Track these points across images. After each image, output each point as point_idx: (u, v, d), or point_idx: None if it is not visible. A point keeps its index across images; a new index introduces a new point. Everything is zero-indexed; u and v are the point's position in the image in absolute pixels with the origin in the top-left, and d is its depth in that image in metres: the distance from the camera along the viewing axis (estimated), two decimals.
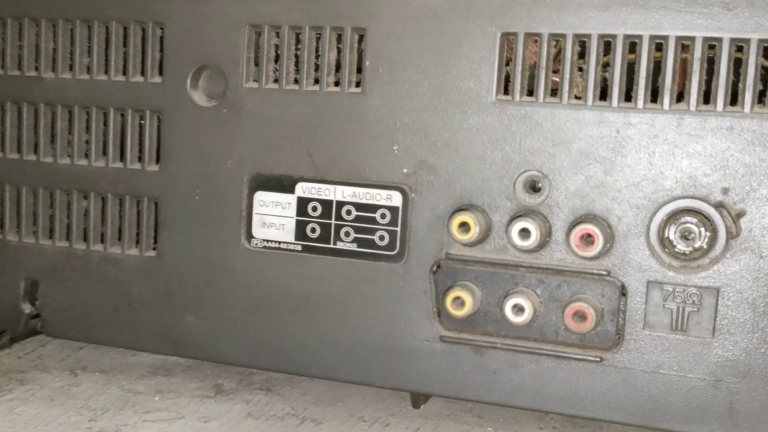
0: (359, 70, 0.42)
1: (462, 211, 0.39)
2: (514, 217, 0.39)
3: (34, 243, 0.48)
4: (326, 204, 0.42)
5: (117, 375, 0.48)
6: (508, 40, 0.39)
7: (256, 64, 0.43)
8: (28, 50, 0.47)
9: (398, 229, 0.41)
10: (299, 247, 0.43)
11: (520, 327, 0.39)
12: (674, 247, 0.37)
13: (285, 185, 0.43)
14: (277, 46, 0.43)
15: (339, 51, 0.42)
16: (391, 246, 0.41)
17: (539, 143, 0.39)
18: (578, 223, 0.38)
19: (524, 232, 0.38)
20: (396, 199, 0.41)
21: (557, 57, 0.39)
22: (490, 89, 0.39)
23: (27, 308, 0.49)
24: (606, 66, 0.38)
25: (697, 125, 0.37)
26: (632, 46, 0.38)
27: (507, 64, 0.40)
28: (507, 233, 0.39)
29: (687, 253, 0.37)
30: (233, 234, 0.44)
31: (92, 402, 0.44)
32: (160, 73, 0.45)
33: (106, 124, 0.46)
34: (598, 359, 0.39)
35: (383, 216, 0.41)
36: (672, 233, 0.37)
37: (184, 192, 0.44)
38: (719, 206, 0.37)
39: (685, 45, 0.37)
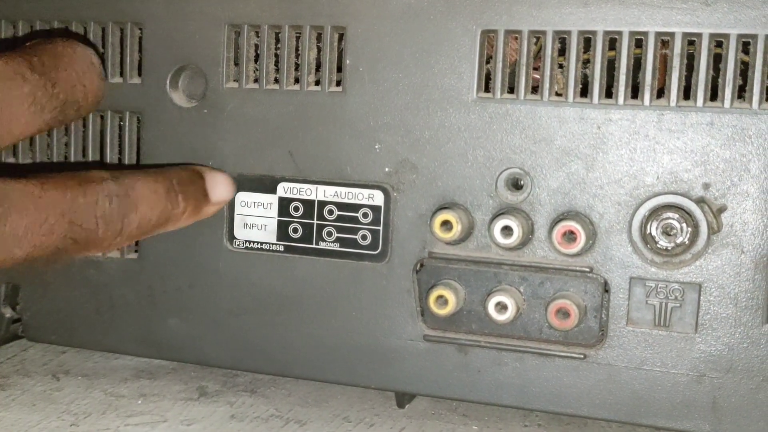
0: (339, 69, 0.41)
1: (444, 209, 0.39)
2: (497, 215, 0.39)
3: None
4: (308, 204, 0.42)
5: (100, 379, 0.48)
6: (488, 37, 0.39)
7: (236, 64, 0.43)
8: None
9: (381, 228, 0.41)
10: (281, 248, 0.43)
11: (503, 325, 0.39)
12: (656, 243, 0.37)
13: (266, 185, 0.43)
14: (256, 46, 0.43)
15: (319, 50, 0.42)
16: (373, 245, 0.41)
17: (521, 140, 0.39)
18: (560, 220, 0.38)
19: (506, 230, 0.38)
20: (378, 198, 0.41)
21: (538, 54, 0.39)
22: (470, 87, 0.39)
23: (8, 312, 0.48)
24: (586, 63, 0.38)
25: (678, 121, 0.37)
26: (612, 42, 0.38)
27: (487, 62, 0.39)
28: (489, 231, 0.39)
29: (669, 248, 0.37)
30: (215, 235, 0.44)
31: (74, 406, 0.44)
32: (140, 74, 0.45)
33: (85, 125, 0.46)
34: (582, 356, 0.39)
35: (365, 215, 0.41)
36: (654, 229, 0.37)
37: None
38: (700, 202, 0.37)
39: (664, 41, 0.37)
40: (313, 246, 0.42)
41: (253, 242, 0.43)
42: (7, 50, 0.36)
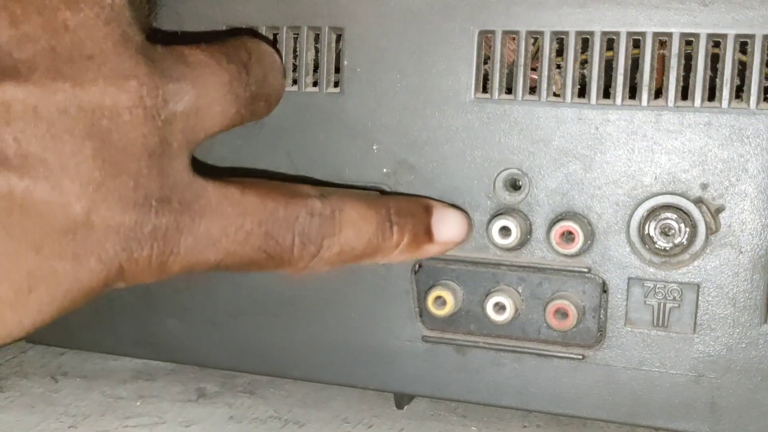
0: (337, 70, 0.41)
1: None
2: (495, 216, 0.39)
3: None
4: None
5: (98, 380, 0.48)
6: (486, 38, 0.39)
7: None
8: None
9: None
10: None
11: (501, 325, 0.39)
12: (654, 243, 0.37)
13: None
14: None
15: (317, 51, 0.42)
16: None
17: (518, 141, 0.39)
18: (558, 221, 0.38)
19: (505, 231, 0.38)
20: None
21: (535, 55, 0.39)
22: (468, 88, 0.39)
23: None
24: (584, 63, 0.38)
25: (676, 121, 0.37)
26: (610, 42, 0.38)
27: (485, 63, 0.39)
28: (487, 232, 0.39)
29: (667, 249, 0.37)
30: None
31: (73, 408, 0.44)
32: None
33: None
34: (580, 357, 0.39)
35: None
36: (652, 229, 0.37)
37: None
38: (698, 202, 0.37)
39: (662, 41, 0.37)
40: None
41: None
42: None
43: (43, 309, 0.27)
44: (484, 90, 0.39)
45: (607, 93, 0.38)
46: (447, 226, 0.38)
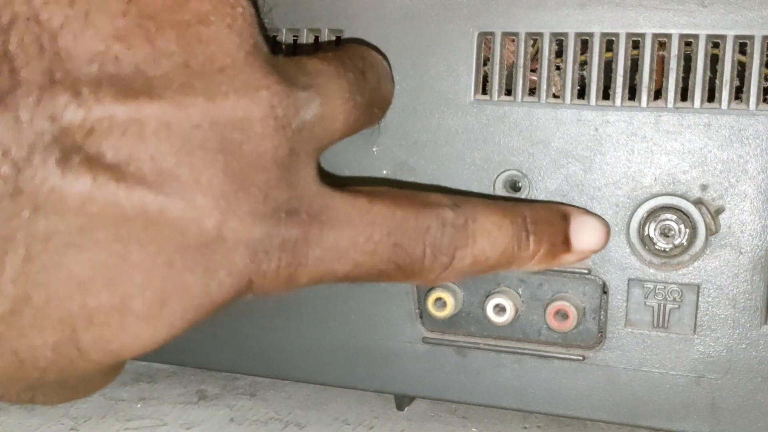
0: None
1: None
2: None
3: None
4: None
5: None
6: (485, 39, 0.39)
7: None
8: None
9: None
10: None
11: (502, 327, 0.39)
12: (654, 244, 0.37)
13: None
14: None
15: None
16: None
17: (518, 142, 0.39)
18: None
19: None
20: None
21: (535, 56, 0.39)
22: (468, 89, 0.39)
23: None
24: (583, 64, 0.38)
25: (675, 122, 0.37)
26: (609, 44, 0.38)
27: (485, 64, 0.39)
28: None
29: (667, 250, 0.37)
30: None
31: (73, 410, 0.44)
32: None
33: None
34: (581, 358, 0.39)
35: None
36: (652, 231, 0.37)
37: None
38: (698, 203, 0.37)
39: (661, 42, 0.37)
40: None
41: None
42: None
43: (175, 323, 0.27)
44: (484, 91, 0.39)
45: (606, 94, 0.38)
46: (586, 235, 0.37)
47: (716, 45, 0.36)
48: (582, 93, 0.38)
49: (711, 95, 0.37)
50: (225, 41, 0.27)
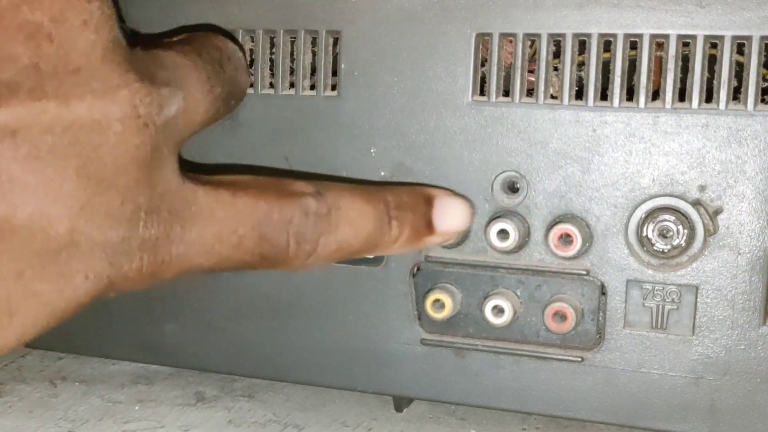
0: (334, 74, 0.41)
1: None
2: (493, 219, 0.39)
3: None
4: None
5: (97, 384, 0.48)
6: (483, 40, 0.39)
7: None
8: None
9: None
10: None
11: (500, 328, 0.39)
12: (653, 245, 0.37)
13: None
14: (251, 51, 0.43)
15: (314, 54, 0.42)
16: None
17: (516, 143, 0.39)
18: (556, 223, 0.38)
19: (503, 233, 0.38)
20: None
21: (533, 57, 0.39)
22: (465, 90, 0.39)
23: None
24: (581, 65, 0.38)
25: (673, 123, 0.37)
26: (607, 44, 0.38)
27: (482, 65, 0.39)
28: (486, 235, 0.39)
29: (665, 251, 0.37)
30: None
31: (71, 413, 0.44)
32: None
33: None
34: (579, 359, 0.39)
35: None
36: (650, 231, 0.37)
37: None
38: (696, 204, 0.37)
39: (659, 43, 0.37)
40: None
41: None
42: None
43: (26, 330, 0.27)
44: (482, 92, 0.39)
45: (604, 95, 0.38)
46: (449, 217, 0.37)
47: (714, 45, 0.36)
48: (580, 94, 0.38)
49: (709, 96, 0.37)
50: (79, 40, 0.26)
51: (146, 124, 0.28)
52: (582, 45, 0.38)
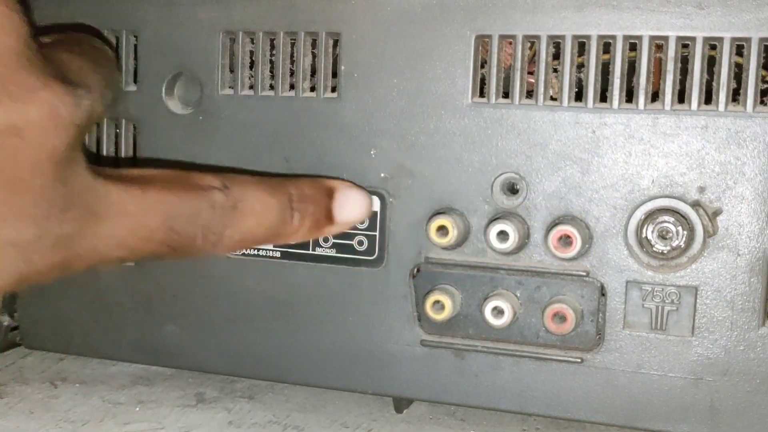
0: (334, 75, 0.41)
1: (440, 214, 0.39)
2: (492, 220, 0.39)
3: None
4: None
5: (98, 386, 0.48)
6: (482, 42, 0.39)
7: (231, 71, 0.43)
8: None
9: (377, 233, 0.41)
10: (278, 254, 0.43)
11: (500, 329, 0.39)
12: (652, 246, 0.37)
13: None
14: (251, 53, 0.43)
15: (314, 56, 0.42)
16: (370, 251, 0.41)
17: (516, 145, 0.39)
18: (556, 225, 0.38)
19: (502, 235, 0.38)
20: (374, 203, 0.41)
21: (532, 59, 0.39)
22: (465, 92, 0.39)
23: (5, 320, 0.48)
24: (581, 67, 0.38)
25: (672, 124, 0.37)
26: (606, 46, 0.38)
27: (482, 67, 0.39)
28: (485, 236, 0.39)
29: (665, 252, 0.37)
30: None
31: (72, 414, 0.44)
32: (135, 82, 0.45)
33: None
34: (579, 360, 0.39)
35: (362, 221, 0.41)
36: (650, 233, 0.37)
37: None
38: (696, 205, 0.37)
39: (659, 45, 0.37)
40: (310, 252, 0.42)
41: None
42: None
43: None
44: (481, 94, 0.39)
45: (603, 97, 0.38)
46: (348, 208, 0.39)
47: (713, 47, 0.36)
48: (579, 95, 0.38)
49: (708, 97, 0.37)
50: None
51: (66, 124, 0.28)
52: (581, 46, 0.38)
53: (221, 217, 0.34)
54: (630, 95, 0.37)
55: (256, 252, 0.43)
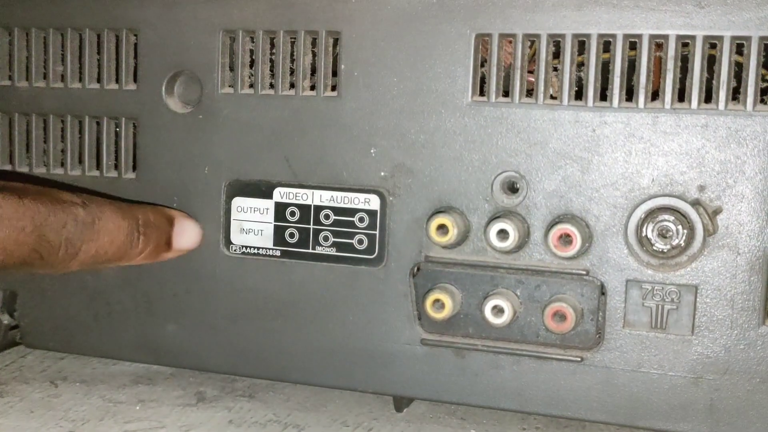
0: (334, 74, 0.41)
1: (440, 213, 0.39)
2: (492, 219, 0.39)
3: None
4: (304, 209, 0.42)
5: (98, 385, 0.48)
6: (482, 41, 0.39)
7: (231, 70, 0.43)
8: (0, 59, 0.47)
9: (377, 232, 0.41)
10: (278, 253, 0.43)
11: (500, 328, 0.39)
12: (652, 245, 0.37)
13: (263, 190, 0.43)
14: (251, 51, 0.43)
15: (314, 55, 0.42)
16: (370, 250, 0.41)
17: (516, 144, 0.39)
18: (556, 223, 0.38)
19: (502, 234, 0.38)
20: (374, 202, 0.41)
21: (532, 57, 0.39)
22: (465, 91, 0.39)
23: (5, 319, 0.48)
24: (581, 65, 0.38)
25: (672, 123, 0.37)
26: (606, 45, 0.38)
27: (482, 66, 0.39)
28: (485, 235, 0.39)
29: (665, 251, 0.37)
30: (212, 241, 0.44)
31: (72, 413, 0.44)
32: (135, 81, 0.45)
33: (81, 132, 0.46)
34: (579, 359, 0.39)
35: (362, 220, 0.41)
36: (650, 231, 0.37)
37: (162, 199, 0.44)
38: (696, 204, 0.37)
39: (658, 43, 0.37)
40: (310, 251, 0.42)
41: (250, 247, 0.43)
42: None
43: None
44: (481, 93, 0.39)
45: (603, 95, 0.38)
46: (184, 237, 0.43)
47: (713, 46, 0.36)
48: (579, 94, 0.38)
49: (708, 96, 0.37)
50: None
51: None
52: (581, 45, 0.38)
53: (81, 231, 0.37)
54: (630, 94, 0.37)
55: (256, 250, 0.43)
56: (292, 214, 0.42)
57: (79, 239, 0.37)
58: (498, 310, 0.39)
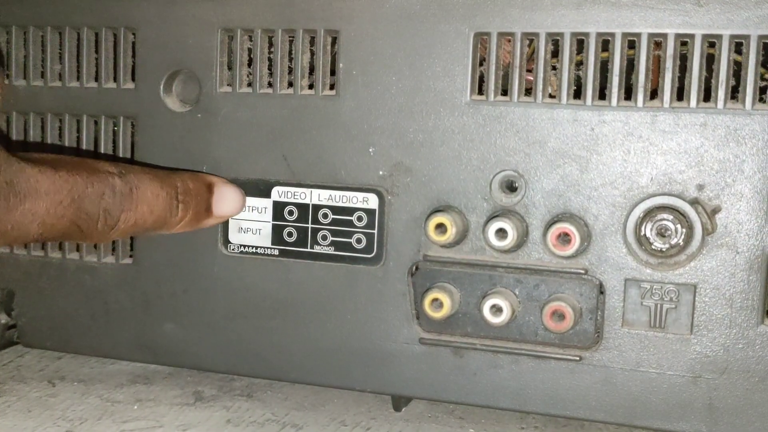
0: (333, 73, 0.41)
1: (438, 212, 0.39)
2: (491, 218, 0.39)
3: (8, 253, 0.48)
4: (302, 208, 0.42)
5: (96, 384, 0.48)
6: (481, 40, 0.39)
7: (230, 69, 0.43)
8: None
9: (375, 231, 0.41)
10: (276, 252, 0.43)
11: (498, 327, 0.39)
12: (651, 244, 0.37)
13: (261, 189, 0.43)
14: (250, 50, 0.43)
15: (312, 54, 0.42)
16: (368, 249, 0.41)
17: (514, 143, 0.39)
18: (555, 222, 0.38)
19: (501, 233, 0.38)
20: (372, 201, 0.41)
21: (531, 56, 0.39)
22: (464, 90, 0.39)
23: (3, 318, 0.48)
24: (579, 64, 0.38)
25: (671, 122, 0.37)
26: (605, 43, 0.38)
27: (481, 64, 0.39)
28: (484, 234, 0.39)
29: (664, 250, 0.37)
30: (210, 240, 0.44)
31: (70, 412, 0.44)
32: (133, 79, 0.45)
33: (79, 131, 0.46)
34: (578, 358, 0.39)
35: (360, 219, 0.41)
36: (648, 230, 0.37)
37: None
38: (695, 203, 0.37)
39: (657, 42, 0.37)
40: (308, 250, 0.42)
41: (248, 246, 0.43)
42: None
43: None
44: (480, 92, 0.39)
45: (602, 94, 0.38)
46: (226, 203, 0.42)
47: (712, 45, 0.36)
48: (578, 93, 0.38)
49: (707, 95, 0.37)
50: None
51: None
52: (580, 44, 0.38)
53: (120, 201, 0.37)
54: (629, 93, 0.37)
55: (254, 249, 0.43)
56: (291, 213, 0.42)
57: (117, 209, 0.37)
58: (496, 310, 0.39)
